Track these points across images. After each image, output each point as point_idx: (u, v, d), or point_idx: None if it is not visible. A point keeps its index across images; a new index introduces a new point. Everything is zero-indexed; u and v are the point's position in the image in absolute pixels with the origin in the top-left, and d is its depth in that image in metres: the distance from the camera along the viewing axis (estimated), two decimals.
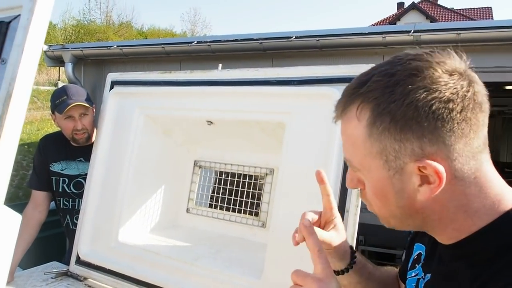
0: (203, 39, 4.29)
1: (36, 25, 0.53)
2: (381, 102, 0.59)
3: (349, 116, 0.64)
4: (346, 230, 1.28)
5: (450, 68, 0.59)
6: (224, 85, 1.59)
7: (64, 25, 25.17)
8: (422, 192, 0.61)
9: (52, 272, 1.81)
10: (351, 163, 0.68)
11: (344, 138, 0.68)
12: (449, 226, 0.64)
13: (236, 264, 1.52)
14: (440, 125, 0.57)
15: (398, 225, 0.69)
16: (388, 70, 0.61)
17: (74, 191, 2.13)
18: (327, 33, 3.74)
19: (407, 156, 0.60)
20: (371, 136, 0.62)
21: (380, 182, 0.64)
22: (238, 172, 1.80)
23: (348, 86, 0.67)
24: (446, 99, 0.57)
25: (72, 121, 2.01)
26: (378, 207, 0.68)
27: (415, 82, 0.58)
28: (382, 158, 0.62)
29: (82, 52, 4.73)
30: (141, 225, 1.80)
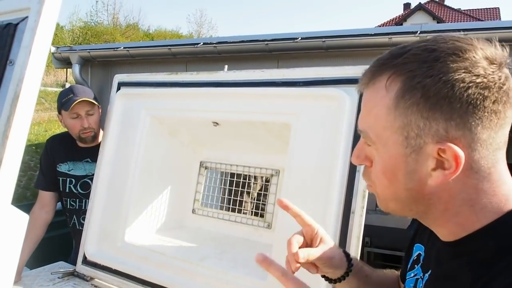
0: (209, 41, 4.30)
1: (43, 27, 0.54)
2: (416, 75, 0.57)
3: (377, 86, 0.62)
4: (352, 231, 1.29)
5: (491, 56, 0.57)
6: (230, 86, 1.59)
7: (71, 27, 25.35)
8: (434, 177, 0.59)
9: (59, 272, 1.82)
10: (367, 134, 0.64)
11: (367, 108, 0.65)
12: (453, 219, 0.62)
13: (242, 265, 1.52)
14: (471, 110, 0.55)
15: (399, 209, 0.66)
16: (429, 45, 0.58)
17: (81, 192, 2.15)
18: (333, 34, 3.73)
19: (430, 136, 0.57)
20: (397, 109, 0.59)
21: (394, 159, 0.61)
22: (243, 173, 1.80)
23: (380, 57, 0.63)
24: (483, 85, 0.55)
25: (78, 120, 2.02)
26: (382, 187, 0.65)
27: (456, 61, 0.56)
28: (403, 134, 0.59)
29: (89, 53, 4.76)
30: (147, 225, 1.81)
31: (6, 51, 0.56)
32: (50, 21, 0.55)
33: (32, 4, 0.53)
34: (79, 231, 2.12)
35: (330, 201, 1.31)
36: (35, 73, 0.53)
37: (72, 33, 24.37)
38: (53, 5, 0.53)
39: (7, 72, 0.55)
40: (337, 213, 1.31)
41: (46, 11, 0.53)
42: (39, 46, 0.54)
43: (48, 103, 13.75)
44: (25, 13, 0.56)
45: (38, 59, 0.54)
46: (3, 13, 0.60)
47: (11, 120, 0.51)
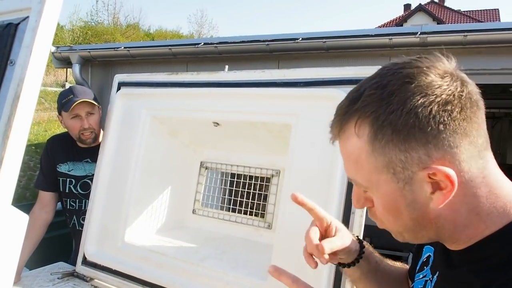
0: (210, 41, 4.30)
1: (44, 27, 0.54)
2: (379, 115, 0.58)
3: (347, 135, 0.63)
4: (352, 231, 1.29)
5: (441, 71, 0.59)
6: (231, 87, 1.59)
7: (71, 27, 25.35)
8: (435, 199, 0.60)
9: (58, 273, 1.82)
10: (356, 181, 0.66)
11: (346, 157, 0.66)
12: (463, 232, 0.63)
13: (242, 265, 1.52)
14: (442, 128, 0.57)
15: (412, 238, 0.67)
16: (379, 82, 0.60)
17: (81, 192, 2.14)
18: (334, 35, 3.73)
19: (415, 165, 0.59)
20: (374, 151, 0.60)
21: (391, 196, 0.62)
22: (244, 174, 1.80)
23: (339, 105, 0.66)
24: (443, 101, 0.57)
25: (78, 120, 2.02)
26: (390, 223, 0.67)
27: (409, 89, 0.57)
28: (389, 172, 0.61)
29: (90, 53, 4.76)
30: (147, 226, 1.81)
31: (7, 51, 0.56)
32: (51, 21, 0.54)
33: (33, 4, 0.53)
34: (79, 231, 2.11)
35: (330, 201, 1.31)
36: (36, 73, 0.53)
37: (72, 32, 24.37)
38: (54, 5, 0.53)
39: (7, 72, 0.55)
40: (338, 213, 1.31)
41: (47, 11, 0.53)
42: (40, 46, 0.54)
43: (48, 103, 13.75)
44: (26, 13, 0.56)
45: (39, 59, 0.54)
46: (3, 13, 0.60)
47: (12, 120, 0.51)
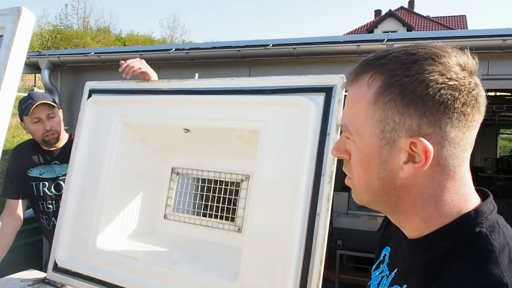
0: (181, 46, 4.32)
1: (18, 45, 0.57)
2: (395, 74, 0.63)
3: (360, 84, 0.67)
4: (317, 232, 1.34)
5: (463, 63, 0.63)
6: (201, 94, 1.63)
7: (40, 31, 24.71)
8: (405, 169, 0.64)
9: (29, 280, 1.80)
10: (347, 127, 0.70)
11: (349, 103, 0.70)
12: (419, 213, 0.67)
13: (213, 268, 1.56)
14: (442, 110, 0.61)
15: (372, 200, 0.71)
16: (409, 50, 0.64)
17: (55, 193, 2.19)
18: (304, 41, 3.82)
19: (404, 130, 0.63)
20: (376, 104, 0.64)
21: (369, 149, 0.66)
22: (214, 179, 1.84)
23: (365, 58, 0.69)
24: (454, 87, 0.61)
25: (40, 124, 2.08)
26: (358, 176, 0.70)
27: (432, 64, 0.62)
28: (379, 127, 0.65)
29: (59, 59, 4.69)
30: (119, 231, 1.82)
31: None
32: (24, 40, 0.58)
33: (7, 24, 0.56)
34: None
35: (296, 204, 1.37)
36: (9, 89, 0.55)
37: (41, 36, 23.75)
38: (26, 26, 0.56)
39: None
40: (304, 215, 1.36)
41: (21, 31, 0.56)
42: (14, 64, 0.57)
43: (15, 109, 13.34)
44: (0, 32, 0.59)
45: (12, 76, 0.56)
46: None
47: None
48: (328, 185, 1.36)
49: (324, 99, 1.41)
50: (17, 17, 0.56)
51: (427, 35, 3.52)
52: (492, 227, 0.63)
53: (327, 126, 1.39)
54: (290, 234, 1.36)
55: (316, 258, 1.33)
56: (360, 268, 5.49)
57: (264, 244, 1.43)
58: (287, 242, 1.36)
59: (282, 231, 1.38)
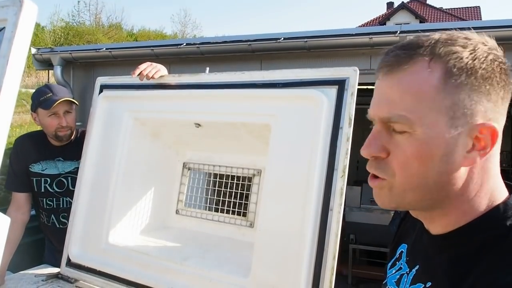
0: (192, 41, 4.31)
1: (20, 37, 0.56)
2: (462, 57, 0.59)
3: (416, 68, 0.60)
4: (330, 228, 1.32)
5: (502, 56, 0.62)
6: (212, 88, 1.62)
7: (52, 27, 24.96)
8: (469, 158, 0.60)
9: (42, 275, 1.82)
10: (403, 118, 0.61)
11: (401, 91, 0.62)
12: (463, 206, 0.63)
13: (224, 263, 1.55)
14: (502, 95, 0.60)
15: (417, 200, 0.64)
16: (458, 34, 0.62)
17: (57, 190, 2.13)
18: (315, 34, 3.78)
19: (474, 116, 0.59)
20: (445, 89, 0.59)
21: (434, 140, 0.60)
22: (226, 174, 1.83)
23: (404, 43, 0.63)
24: (505, 69, 0.61)
25: (56, 118, 2.02)
26: (408, 174, 0.62)
27: (489, 49, 0.60)
28: (448, 114, 0.59)
29: (71, 55, 4.72)
30: (131, 226, 1.82)
31: None
32: (26, 32, 0.57)
33: (9, 16, 0.55)
34: (59, 229, 2.13)
35: (309, 199, 1.35)
36: (13, 82, 0.55)
37: (53, 33, 24.00)
38: (29, 17, 0.55)
39: None
40: (316, 210, 1.34)
41: (23, 23, 0.55)
42: (16, 56, 0.56)
43: (29, 105, 13.55)
44: (1, 24, 0.57)
45: (15, 69, 0.56)
46: None
47: None
48: (341, 179, 1.34)
49: (336, 92, 1.38)
50: (19, 9, 0.55)
51: (441, 26, 3.45)
52: None
53: (340, 120, 1.36)
54: (303, 229, 1.34)
55: (329, 253, 1.31)
56: (373, 262, 5.47)
57: (276, 239, 1.42)
58: (300, 237, 1.34)
59: (294, 226, 1.36)
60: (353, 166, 0.75)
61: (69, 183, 2.13)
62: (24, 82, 16.30)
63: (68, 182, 2.13)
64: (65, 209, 2.13)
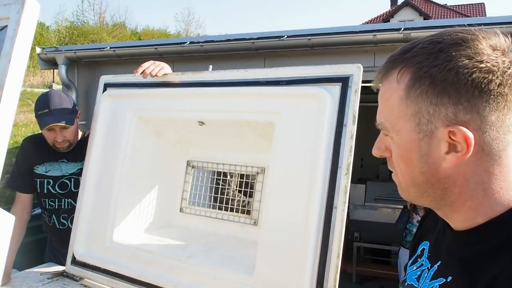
0: (196, 40, 4.31)
1: (22, 35, 0.56)
2: (423, 66, 0.62)
3: (389, 80, 0.67)
4: (334, 226, 1.32)
5: (494, 43, 0.61)
6: (215, 86, 1.62)
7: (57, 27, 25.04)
8: (448, 160, 0.62)
9: (48, 273, 1.83)
10: (383, 125, 0.69)
11: (382, 101, 0.70)
12: (467, 203, 0.65)
13: (229, 261, 1.55)
14: (477, 94, 0.59)
15: (418, 195, 0.69)
16: (434, 38, 0.63)
17: (59, 192, 2.15)
18: (319, 32, 3.77)
19: (440, 120, 0.61)
20: (408, 98, 0.64)
21: (408, 144, 0.65)
22: (230, 171, 1.83)
23: (392, 53, 0.68)
24: (486, 69, 0.59)
25: (53, 133, 2.03)
26: (401, 172, 0.69)
27: (459, 50, 0.60)
28: (414, 121, 0.64)
29: (75, 54, 4.74)
30: (135, 225, 1.83)
31: None
32: (29, 30, 0.57)
33: (11, 14, 0.55)
34: (59, 230, 2.15)
35: (313, 197, 1.34)
36: (15, 80, 0.55)
37: (58, 33, 24.08)
38: (31, 15, 0.55)
39: None
40: (320, 208, 1.34)
41: (25, 21, 0.55)
42: (18, 54, 0.56)
43: None
44: (4, 22, 0.57)
45: (17, 66, 0.56)
46: None
47: None
48: (345, 177, 1.33)
49: (340, 89, 1.37)
50: (22, 7, 0.56)
51: (445, 23, 3.43)
52: None
53: (343, 117, 1.36)
54: (307, 228, 1.34)
55: (333, 252, 1.31)
56: (377, 260, 5.46)
57: (281, 237, 1.41)
58: (304, 236, 1.34)
59: (298, 225, 1.36)
60: (357, 163, 0.76)
61: (72, 185, 2.14)
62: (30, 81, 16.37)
63: (71, 184, 2.15)
64: (66, 210, 2.15)
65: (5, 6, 0.57)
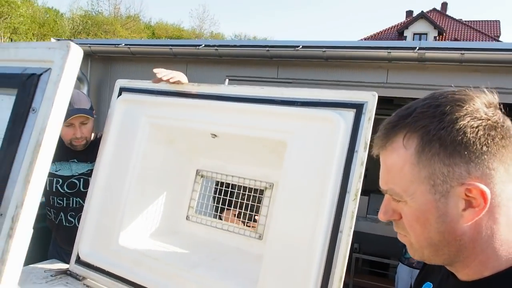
0: (211, 43, 4.34)
1: (65, 81, 0.58)
2: (430, 130, 0.64)
3: (394, 146, 0.68)
4: (339, 250, 1.34)
5: (486, 101, 0.65)
6: (230, 101, 1.64)
7: (71, 15, 25.20)
8: (465, 216, 0.64)
9: (52, 270, 1.86)
10: (393, 191, 0.70)
11: (387, 168, 0.70)
12: (478, 257, 0.66)
13: (232, 274, 1.57)
14: (485, 150, 0.62)
15: (432, 255, 0.70)
16: (431, 102, 0.66)
17: (67, 191, 2.17)
18: (334, 45, 3.79)
19: (455, 179, 0.63)
20: (420, 162, 0.65)
21: (424, 206, 0.66)
22: (238, 184, 1.85)
23: (388, 120, 0.70)
24: (489, 126, 0.63)
25: (72, 129, 2.06)
26: (416, 234, 0.69)
27: (460, 111, 0.63)
28: (429, 183, 0.65)
29: (90, 48, 4.79)
30: (141, 229, 1.85)
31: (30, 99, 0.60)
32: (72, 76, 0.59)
33: (56, 59, 0.57)
34: (66, 227, 2.18)
35: (320, 218, 1.36)
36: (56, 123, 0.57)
37: (72, 21, 24.23)
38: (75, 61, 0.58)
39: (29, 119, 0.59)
40: (326, 231, 1.35)
41: (68, 67, 0.57)
42: (61, 99, 0.58)
43: None
44: (48, 65, 0.60)
45: (59, 110, 0.58)
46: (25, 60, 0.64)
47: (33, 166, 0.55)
48: (353, 202, 1.35)
49: (354, 115, 1.39)
50: (66, 53, 0.58)
51: (458, 45, 3.43)
52: None
53: (355, 143, 1.37)
54: (312, 248, 1.35)
55: (336, 275, 1.33)
56: (375, 272, 5.45)
57: (285, 254, 1.43)
58: (308, 255, 1.36)
59: (304, 244, 1.38)
60: None
61: (81, 185, 2.17)
62: None
63: (80, 184, 2.17)
64: (74, 208, 2.17)
65: (49, 50, 0.59)
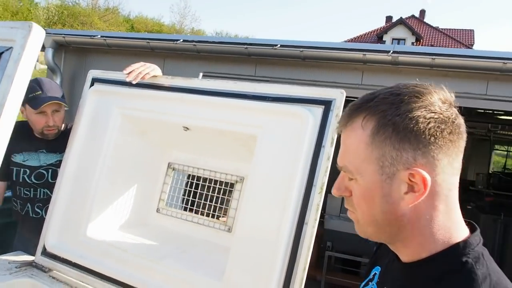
0: (189, 38, 4.32)
1: (26, 60, 0.59)
2: (387, 115, 0.69)
3: (354, 126, 0.73)
4: (303, 241, 1.37)
5: (443, 97, 0.71)
6: (203, 94, 1.65)
7: (47, 5, 24.50)
8: (406, 199, 0.69)
9: (16, 262, 1.82)
10: (347, 168, 0.75)
11: (345, 146, 0.76)
12: (416, 239, 0.72)
13: (200, 265, 1.59)
14: (433, 140, 0.67)
15: (375, 233, 0.76)
16: (394, 91, 0.71)
17: (35, 182, 2.13)
18: (311, 45, 3.84)
19: (401, 164, 0.68)
20: (373, 143, 0.70)
21: (371, 185, 0.71)
22: (209, 177, 1.86)
23: (353, 102, 0.75)
24: (440, 120, 0.68)
25: (44, 117, 2.02)
26: (362, 211, 0.74)
27: (417, 102, 0.68)
28: (378, 164, 0.70)
29: (64, 38, 4.69)
30: (110, 221, 1.84)
31: None
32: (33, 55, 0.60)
33: (17, 38, 0.58)
34: (32, 218, 2.14)
35: (286, 210, 1.40)
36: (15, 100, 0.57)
37: (47, 11, 23.57)
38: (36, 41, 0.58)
39: None
40: (292, 223, 1.39)
41: (30, 46, 0.58)
42: (21, 77, 0.59)
43: None
44: (9, 43, 0.60)
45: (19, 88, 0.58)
46: None
47: None
48: (319, 195, 1.39)
49: (322, 112, 1.43)
50: (28, 33, 0.58)
51: (429, 50, 3.56)
52: (477, 258, 0.69)
53: (322, 138, 1.41)
54: (278, 239, 1.39)
55: (300, 265, 1.37)
56: (347, 270, 5.55)
57: (252, 246, 1.46)
58: (274, 247, 1.39)
59: (270, 235, 1.41)
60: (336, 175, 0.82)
61: (49, 175, 2.13)
62: None
63: (48, 174, 2.14)
64: (41, 199, 2.14)
65: (11, 29, 0.59)
